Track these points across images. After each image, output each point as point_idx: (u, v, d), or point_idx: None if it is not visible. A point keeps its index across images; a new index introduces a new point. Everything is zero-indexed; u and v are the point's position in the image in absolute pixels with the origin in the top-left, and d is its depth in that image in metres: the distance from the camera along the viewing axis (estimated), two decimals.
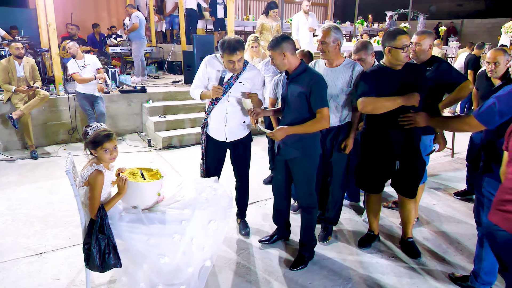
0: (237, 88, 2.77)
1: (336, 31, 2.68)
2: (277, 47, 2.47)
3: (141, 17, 7.77)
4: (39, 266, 2.71)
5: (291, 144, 2.61)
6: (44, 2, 5.66)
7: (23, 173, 4.49)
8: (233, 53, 2.58)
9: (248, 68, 2.81)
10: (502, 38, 8.97)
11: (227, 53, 2.59)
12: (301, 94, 2.49)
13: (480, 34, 14.60)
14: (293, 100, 2.55)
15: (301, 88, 2.49)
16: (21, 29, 7.93)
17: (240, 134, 2.92)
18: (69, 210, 3.44)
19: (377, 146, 2.72)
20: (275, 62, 2.53)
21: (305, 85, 2.48)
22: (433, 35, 3.18)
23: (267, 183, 4.23)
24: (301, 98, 2.50)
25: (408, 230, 2.95)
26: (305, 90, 2.47)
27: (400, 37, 2.47)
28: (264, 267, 2.74)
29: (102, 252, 2.12)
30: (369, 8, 14.99)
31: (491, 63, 3.22)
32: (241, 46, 2.60)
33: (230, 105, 2.80)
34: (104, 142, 2.20)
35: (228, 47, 2.57)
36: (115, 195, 2.26)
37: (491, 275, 2.49)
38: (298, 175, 2.67)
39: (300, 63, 2.55)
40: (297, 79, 2.53)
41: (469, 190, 3.92)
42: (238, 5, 14.38)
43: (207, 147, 2.95)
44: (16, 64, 5.07)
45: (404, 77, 2.56)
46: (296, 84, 2.53)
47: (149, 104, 6.20)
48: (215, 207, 2.40)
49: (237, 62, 2.63)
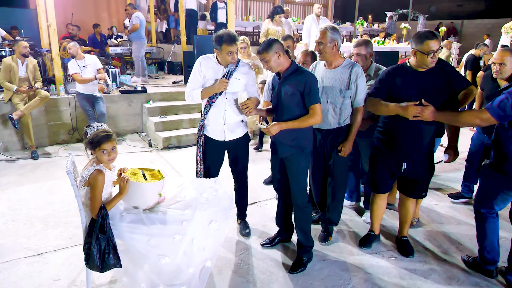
0: (233, 84, 2.78)
1: (333, 31, 2.67)
2: (270, 48, 2.51)
3: (141, 17, 7.78)
4: (39, 266, 2.71)
5: (286, 142, 2.63)
6: (44, 3, 5.67)
7: (24, 174, 4.49)
8: (232, 43, 2.64)
9: (241, 64, 2.87)
10: (502, 39, 8.97)
11: (227, 44, 2.64)
12: (295, 93, 2.53)
13: (480, 35, 14.59)
14: (286, 99, 2.58)
15: (294, 87, 2.53)
16: (21, 30, 7.94)
17: (239, 133, 2.92)
18: (69, 211, 3.44)
19: (387, 146, 2.73)
20: (270, 64, 2.56)
21: (298, 84, 2.52)
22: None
23: (267, 183, 4.24)
24: (295, 97, 2.54)
25: (404, 230, 2.97)
26: (299, 89, 2.52)
27: (427, 42, 2.41)
28: (265, 268, 2.74)
29: (102, 252, 2.12)
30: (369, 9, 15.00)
31: (497, 63, 3.14)
32: (237, 37, 2.70)
33: (228, 102, 2.81)
34: (102, 143, 2.19)
35: (228, 38, 2.63)
36: (117, 195, 2.26)
37: (493, 253, 2.62)
38: (292, 173, 2.68)
39: (291, 63, 2.60)
40: (289, 79, 2.57)
41: (463, 193, 3.87)
42: (238, 5, 14.38)
43: (206, 148, 2.93)
44: (19, 63, 5.07)
45: (424, 80, 2.53)
46: (289, 83, 2.56)
47: (149, 104, 6.21)
48: (216, 207, 2.41)
49: (234, 54, 2.69)
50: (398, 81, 2.59)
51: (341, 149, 2.81)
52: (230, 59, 2.70)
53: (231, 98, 2.82)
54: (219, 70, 2.78)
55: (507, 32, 8.72)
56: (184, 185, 2.55)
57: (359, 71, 2.70)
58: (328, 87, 2.75)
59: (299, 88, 2.52)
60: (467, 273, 2.72)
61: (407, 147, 2.64)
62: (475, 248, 3.01)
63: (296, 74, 2.57)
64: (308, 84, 2.51)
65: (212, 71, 2.79)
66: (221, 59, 2.75)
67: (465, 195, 3.85)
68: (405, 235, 2.99)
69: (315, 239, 3.05)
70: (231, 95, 2.81)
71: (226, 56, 2.69)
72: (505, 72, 3.15)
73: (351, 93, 2.71)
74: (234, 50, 2.68)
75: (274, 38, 2.59)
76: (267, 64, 2.57)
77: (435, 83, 2.52)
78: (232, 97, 2.81)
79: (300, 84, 2.52)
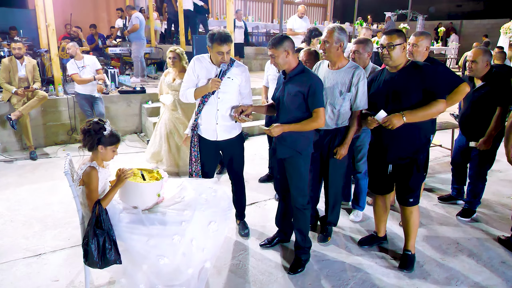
0: (226, 84, 2.76)
1: (340, 31, 2.65)
2: (279, 45, 2.48)
3: (141, 18, 7.78)
4: (38, 267, 2.70)
5: (285, 143, 2.62)
6: (43, 3, 5.66)
7: (22, 174, 4.48)
8: (223, 43, 2.60)
9: (236, 65, 2.84)
10: (500, 39, 8.98)
11: (218, 43, 2.61)
12: (298, 94, 2.50)
13: (479, 35, 14.61)
14: (288, 99, 2.55)
15: (298, 88, 2.50)
16: (20, 30, 7.93)
17: (231, 133, 2.90)
18: (68, 211, 3.44)
19: (375, 148, 2.73)
20: (277, 60, 2.53)
21: (303, 85, 2.49)
22: (430, 37, 3.17)
23: (262, 181, 4.26)
24: (298, 98, 2.51)
25: (407, 242, 2.77)
26: (303, 90, 2.49)
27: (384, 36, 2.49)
28: (264, 268, 2.74)
29: (102, 247, 2.11)
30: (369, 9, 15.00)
31: (469, 61, 3.17)
32: (230, 38, 2.65)
33: (221, 101, 2.79)
34: (117, 143, 2.32)
35: (219, 37, 2.60)
36: (111, 189, 2.23)
37: None
38: (292, 174, 2.67)
39: (298, 63, 2.57)
40: (294, 79, 2.55)
41: (454, 195, 3.80)
42: (237, 6, 14.40)
43: (200, 148, 2.93)
44: (18, 63, 5.06)
45: (395, 83, 2.51)
46: (293, 83, 2.54)
47: (148, 104, 6.20)
48: (215, 208, 2.40)
49: (225, 54, 2.65)
50: (372, 88, 2.67)
51: (336, 152, 2.80)
52: (220, 59, 2.67)
53: (224, 98, 2.79)
54: (212, 69, 2.77)
55: (506, 32, 8.74)
56: (183, 186, 2.55)
57: (361, 74, 2.68)
58: (329, 88, 2.74)
59: (303, 90, 2.49)
60: (466, 273, 2.72)
61: (391, 150, 2.61)
62: (474, 249, 3.01)
63: (302, 75, 2.54)
64: (313, 86, 2.47)
65: (206, 70, 2.78)
66: (213, 57, 2.73)
67: (456, 196, 3.79)
68: (408, 249, 2.77)
69: (314, 239, 3.06)
70: (223, 95, 2.78)
71: (216, 55, 2.67)
72: (477, 70, 3.17)
73: (351, 96, 2.69)
74: (225, 50, 2.63)
75: (285, 35, 2.55)
76: (274, 60, 2.55)
77: (406, 84, 2.46)
78: (225, 97, 2.79)
79: (304, 85, 2.48)
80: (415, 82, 2.43)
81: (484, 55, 3.13)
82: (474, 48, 3.27)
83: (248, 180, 4.29)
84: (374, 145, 2.75)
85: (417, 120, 2.44)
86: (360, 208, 3.46)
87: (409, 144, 2.54)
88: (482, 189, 3.43)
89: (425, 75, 2.42)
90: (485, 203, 3.77)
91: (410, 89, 2.44)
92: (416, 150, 2.55)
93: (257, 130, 6.28)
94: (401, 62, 2.50)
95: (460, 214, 3.50)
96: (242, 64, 2.93)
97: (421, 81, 2.42)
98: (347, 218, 3.48)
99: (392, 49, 2.44)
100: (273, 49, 2.50)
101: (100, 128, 2.27)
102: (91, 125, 2.27)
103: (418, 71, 2.44)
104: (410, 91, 2.45)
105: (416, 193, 2.66)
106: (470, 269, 2.77)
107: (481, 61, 3.13)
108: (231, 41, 2.68)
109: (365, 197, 3.47)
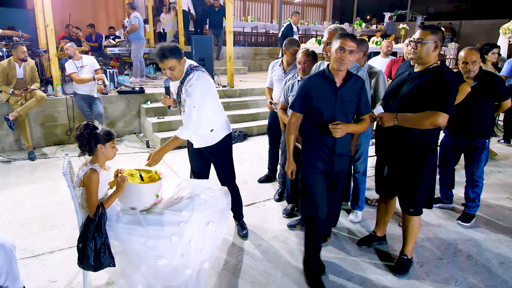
0: (184, 99, 2.63)
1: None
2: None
3: (140, 18, 7.77)
4: (36, 268, 2.69)
5: (345, 151, 2.52)
6: (42, 3, 5.66)
7: (21, 175, 4.47)
8: (161, 60, 2.47)
9: (188, 79, 2.60)
10: (500, 40, 8.98)
11: (157, 60, 2.52)
12: (354, 99, 2.41)
13: (478, 36, 14.63)
14: (343, 106, 2.39)
15: (353, 94, 2.40)
16: (19, 30, 7.91)
17: (208, 142, 2.81)
18: (66, 212, 3.43)
19: (377, 147, 2.73)
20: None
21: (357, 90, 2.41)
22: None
23: (261, 182, 4.25)
24: (354, 103, 2.42)
25: (405, 247, 2.72)
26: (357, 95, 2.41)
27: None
28: (262, 269, 2.73)
29: (98, 251, 2.11)
30: (368, 9, 15.03)
31: (469, 62, 3.11)
32: (171, 54, 2.44)
33: (185, 115, 2.66)
34: (114, 138, 2.30)
35: (157, 54, 2.45)
36: (113, 193, 2.26)
37: None
38: (339, 184, 2.63)
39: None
40: (347, 85, 2.40)
41: (442, 198, 3.73)
42: (237, 6, 14.40)
43: (188, 150, 3.01)
44: (16, 65, 5.04)
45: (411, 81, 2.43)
46: (347, 89, 2.39)
47: (147, 105, 6.19)
48: (213, 208, 2.40)
49: (168, 70, 2.50)
50: None
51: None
52: (165, 74, 2.55)
53: (186, 112, 2.64)
54: (176, 84, 2.70)
55: (505, 33, 8.73)
56: (181, 186, 2.55)
57: (363, 75, 2.68)
58: None
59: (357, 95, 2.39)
60: (465, 274, 2.72)
61: (388, 151, 2.59)
62: (472, 250, 3.01)
63: (354, 80, 2.40)
64: (364, 91, 2.41)
65: (173, 85, 2.75)
66: None
67: (444, 201, 3.72)
68: (405, 253, 2.72)
69: None
70: (186, 108, 2.65)
71: (162, 70, 2.58)
72: (475, 71, 3.16)
73: None
74: (165, 67, 2.49)
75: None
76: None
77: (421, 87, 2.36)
78: (187, 110, 2.62)
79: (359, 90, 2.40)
80: (427, 88, 2.31)
81: (478, 54, 3.14)
82: (467, 49, 3.19)
83: (247, 180, 4.29)
84: (376, 145, 2.75)
85: (407, 125, 2.37)
86: (359, 208, 3.45)
87: (402, 148, 2.49)
88: (480, 189, 3.41)
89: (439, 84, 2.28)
90: (484, 203, 3.77)
91: (419, 93, 2.34)
92: (409, 157, 2.48)
93: (256, 130, 6.26)
94: (428, 61, 2.36)
95: (460, 219, 3.46)
96: (196, 75, 2.59)
97: (431, 88, 2.30)
98: (346, 218, 3.47)
99: (421, 46, 2.31)
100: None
101: (92, 128, 2.24)
102: (82, 129, 2.23)
103: (436, 77, 2.30)
104: (419, 95, 2.34)
105: (416, 203, 2.56)
106: (469, 270, 2.77)
107: (478, 60, 3.14)
108: (174, 56, 2.46)
109: (364, 197, 3.47)
